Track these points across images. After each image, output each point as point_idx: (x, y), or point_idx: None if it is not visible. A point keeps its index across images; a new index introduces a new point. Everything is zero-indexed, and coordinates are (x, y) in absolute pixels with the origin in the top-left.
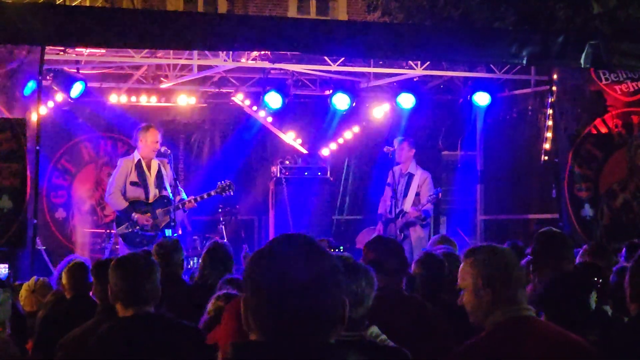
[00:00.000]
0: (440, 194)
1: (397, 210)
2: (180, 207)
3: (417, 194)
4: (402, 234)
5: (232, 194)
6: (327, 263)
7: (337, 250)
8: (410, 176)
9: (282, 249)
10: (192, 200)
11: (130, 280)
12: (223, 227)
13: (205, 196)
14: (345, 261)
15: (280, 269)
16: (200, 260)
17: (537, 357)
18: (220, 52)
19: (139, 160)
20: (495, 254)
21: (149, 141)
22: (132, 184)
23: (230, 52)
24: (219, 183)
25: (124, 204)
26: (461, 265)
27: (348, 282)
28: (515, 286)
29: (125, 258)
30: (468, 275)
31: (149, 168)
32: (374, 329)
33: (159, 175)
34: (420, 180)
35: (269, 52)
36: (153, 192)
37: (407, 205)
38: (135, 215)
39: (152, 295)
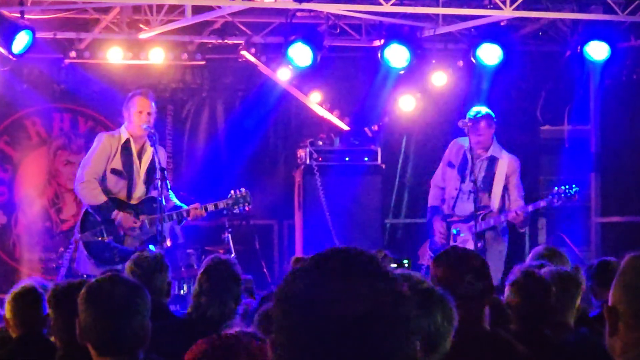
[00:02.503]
0: (577, 194)
1: (476, 207)
2: (176, 217)
3: (505, 187)
4: (481, 243)
5: (247, 209)
6: (390, 290)
7: (400, 265)
8: (493, 160)
9: (323, 271)
10: (202, 209)
11: (105, 321)
12: (229, 235)
13: (212, 207)
14: (414, 285)
15: (321, 300)
16: (195, 284)
17: None
18: None
19: (128, 141)
20: None
21: (131, 112)
22: (114, 172)
23: None
24: (232, 193)
25: (101, 198)
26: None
27: (419, 317)
28: None
29: (100, 286)
30: (609, 299)
31: (140, 155)
32: None
33: (152, 168)
34: (509, 168)
35: None
36: (140, 190)
37: (495, 202)
38: (117, 215)
39: (138, 339)
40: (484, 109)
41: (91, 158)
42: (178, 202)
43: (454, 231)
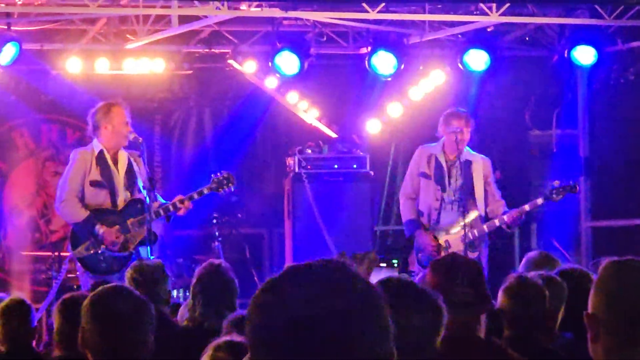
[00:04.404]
0: (577, 186)
1: (459, 215)
2: (163, 213)
3: (484, 189)
4: (475, 253)
5: (232, 189)
6: (362, 299)
7: (390, 265)
8: (468, 164)
9: (292, 285)
10: (185, 200)
11: (109, 334)
12: (219, 245)
13: (196, 196)
14: (401, 287)
15: (290, 314)
16: (189, 295)
17: None
18: None
19: (101, 152)
20: (630, 273)
21: (116, 124)
22: (94, 184)
23: None
24: (213, 176)
25: (82, 214)
26: None
27: (407, 316)
28: None
29: (102, 297)
30: (589, 306)
31: (115, 162)
32: None
33: (130, 172)
34: (486, 169)
35: None
36: (123, 195)
37: (481, 207)
38: (100, 229)
39: (142, 352)
40: (464, 110)
41: (68, 177)
42: (163, 200)
43: (443, 243)
